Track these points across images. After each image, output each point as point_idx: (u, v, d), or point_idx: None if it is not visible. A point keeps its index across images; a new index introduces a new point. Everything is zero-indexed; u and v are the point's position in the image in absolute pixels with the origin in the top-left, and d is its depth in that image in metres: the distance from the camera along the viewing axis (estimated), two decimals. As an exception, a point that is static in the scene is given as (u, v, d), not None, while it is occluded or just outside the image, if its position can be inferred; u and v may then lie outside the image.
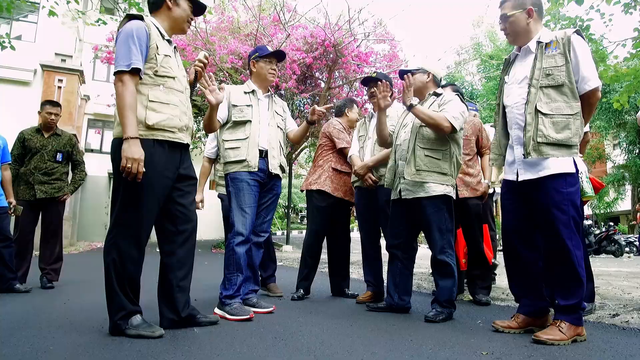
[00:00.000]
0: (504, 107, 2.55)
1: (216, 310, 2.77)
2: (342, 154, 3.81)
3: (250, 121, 3.01)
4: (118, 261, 2.19)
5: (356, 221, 3.91)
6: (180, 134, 2.36)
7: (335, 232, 3.91)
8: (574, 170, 2.30)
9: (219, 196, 3.96)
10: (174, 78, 2.34)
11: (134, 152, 2.10)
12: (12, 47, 6.66)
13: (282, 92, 10.17)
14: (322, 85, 10.97)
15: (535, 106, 2.31)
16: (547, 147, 2.28)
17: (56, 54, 11.91)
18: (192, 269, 2.49)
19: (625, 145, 19.94)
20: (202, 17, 6.83)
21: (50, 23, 9.93)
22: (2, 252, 3.79)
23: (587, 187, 2.41)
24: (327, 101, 10.84)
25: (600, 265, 8.47)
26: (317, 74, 11.00)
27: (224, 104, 2.96)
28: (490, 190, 3.91)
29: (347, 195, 3.80)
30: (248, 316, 2.65)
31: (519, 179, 2.42)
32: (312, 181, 3.80)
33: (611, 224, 15.99)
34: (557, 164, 2.28)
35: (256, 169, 2.94)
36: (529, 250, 2.47)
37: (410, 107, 2.87)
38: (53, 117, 4.20)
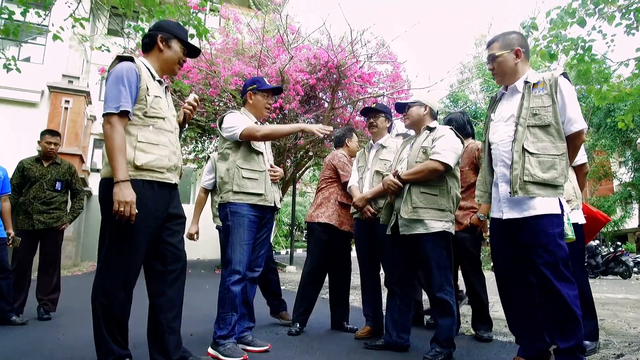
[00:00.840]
0: (489, 144, 2.55)
1: (210, 350, 2.72)
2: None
3: (263, 154, 3.01)
4: (106, 305, 2.16)
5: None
6: (169, 174, 2.35)
7: (336, 257, 3.84)
8: (559, 211, 2.29)
9: (217, 228, 3.92)
10: (163, 119, 2.34)
11: (125, 195, 2.08)
12: (18, 70, 6.72)
13: (286, 112, 10.21)
14: (326, 105, 11.00)
15: (523, 145, 2.30)
16: (534, 186, 2.27)
17: (63, 75, 12.07)
18: (182, 308, 2.44)
19: (631, 164, 19.79)
20: (206, 39, 6.90)
21: (57, 45, 10.06)
22: (0, 284, 3.77)
23: (569, 230, 2.38)
24: (331, 121, 10.87)
25: (607, 289, 8.31)
26: (320, 95, 11.04)
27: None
28: None
29: (352, 228, 3.76)
30: (241, 358, 2.60)
31: (504, 217, 2.41)
32: (320, 214, 3.76)
33: (619, 243, 15.74)
34: (544, 204, 2.27)
35: (272, 204, 2.97)
36: (522, 288, 2.43)
37: (400, 179, 2.91)
38: (52, 146, 4.21)
